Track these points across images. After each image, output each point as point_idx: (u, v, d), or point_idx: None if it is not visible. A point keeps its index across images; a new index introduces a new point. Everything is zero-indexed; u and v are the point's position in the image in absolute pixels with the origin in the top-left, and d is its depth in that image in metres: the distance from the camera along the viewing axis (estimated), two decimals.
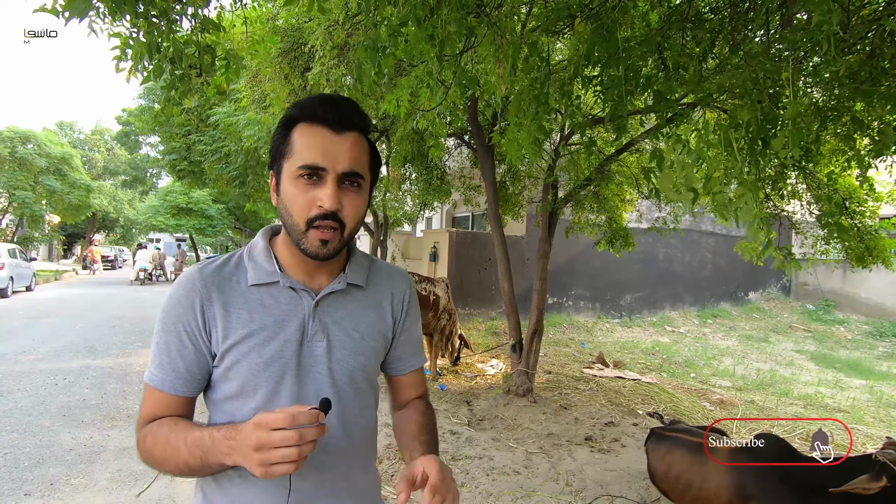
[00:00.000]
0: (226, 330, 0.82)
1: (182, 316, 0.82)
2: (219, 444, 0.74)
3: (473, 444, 3.83)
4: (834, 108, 2.19)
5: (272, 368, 0.82)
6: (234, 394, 0.83)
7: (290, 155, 0.80)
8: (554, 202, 5.16)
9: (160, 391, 0.83)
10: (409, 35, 1.78)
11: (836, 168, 4.13)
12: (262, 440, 0.68)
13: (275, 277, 0.85)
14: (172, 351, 0.82)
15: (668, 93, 1.89)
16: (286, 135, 0.82)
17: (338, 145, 0.79)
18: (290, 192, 0.80)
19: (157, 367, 0.83)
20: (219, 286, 0.83)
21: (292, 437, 0.68)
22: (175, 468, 0.79)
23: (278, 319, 0.84)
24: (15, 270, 12.70)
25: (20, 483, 3.03)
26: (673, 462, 2.47)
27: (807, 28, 1.40)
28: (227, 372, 0.83)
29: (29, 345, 6.87)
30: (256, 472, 0.69)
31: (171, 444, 0.78)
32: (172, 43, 1.84)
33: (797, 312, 12.78)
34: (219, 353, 0.82)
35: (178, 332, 0.82)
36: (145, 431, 0.82)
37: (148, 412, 0.84)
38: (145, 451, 0.82)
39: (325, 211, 0.78)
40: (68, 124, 33.77)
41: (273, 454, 0.68)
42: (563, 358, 7.34)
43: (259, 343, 0.82)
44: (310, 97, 0.83)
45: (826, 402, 5.96)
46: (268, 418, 0.69)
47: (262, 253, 0.87)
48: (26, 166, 19.05)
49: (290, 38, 4.35)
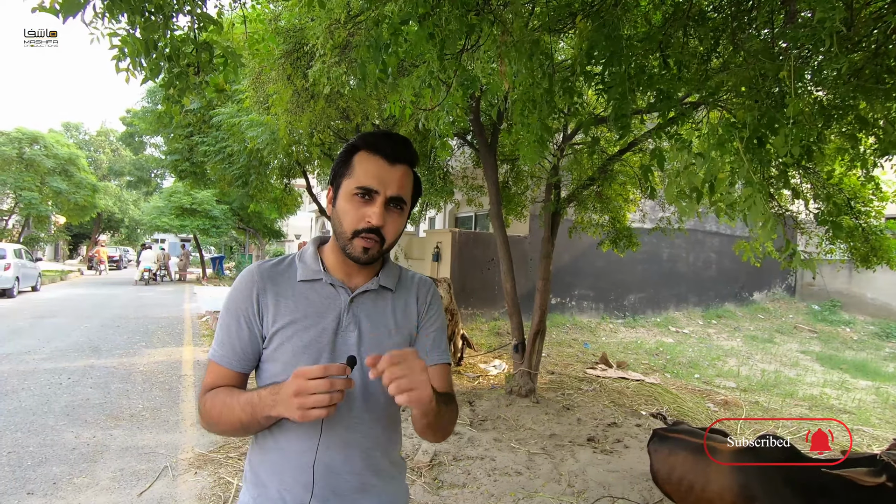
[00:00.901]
0: (275, 316, 0.98)
1: (242, 302, 0.98)
2: (265, 399, 0.88)
3: (475, 444, 3.82)
4: (837, 106, 2.16)
5: (310, 351, 0.96)
6: (278, 371, 0.96)
7: (350, 176, 0.96)
8: (557, 202, 5.14)
9: (219, 365, 0.99)
10: (409, 34, 1.78)
11: (839, 167, 4.10)
12: (301, 386, 0.82)
13: (319, 275, 1.02)
14: (232, 332, 0.98)
15: (671, 91, 1.87)
16: (348, 159, 0.98)
17: (390, 174, 0.96)
18: (345, 207, 0.96)
19: (218, 345, 0.99)
20: (273, 279, 1.00)
21: (324, 384, 0.82)
22: (229, 424, 0.93)
23: (318, 310, 0.99)
24: (21, 271, 12.78)
25: (23, 482, 3.04)
26: (676, 463, 2.46)
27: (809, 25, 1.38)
28: (274, 352, 0.98)
29: (34, 344, 6.91)
30: (295, 415, 0.82)
31: (227, 405, 0.93)
32: (170, 40, 1.83)
33: (802, 313, 12.70)
34: (268, 336, 0.98)
35: (237, 316, 0.98)
36: (206, 397, 0.97)
37: (209, 382, 0.99)
38: (205, 412, 0.96)
39: (371, 226, 0.94)
40: (74, 125, 34.01)
41: (309, 399, 0.81)
42: (566, 358, 7.32)
43: (301, 329, 0.97)
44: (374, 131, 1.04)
45: (831, 403, 5.91)
46: (304, 369, 0.83)
47: (311, 256, 1.04)
48: (33, 167, 19.18)
49: (292, 39, 4.36)
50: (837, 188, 4.09)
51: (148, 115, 12.66)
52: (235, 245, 28.69)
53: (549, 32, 2.07)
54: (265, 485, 0.99)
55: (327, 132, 6.25)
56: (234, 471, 3.26)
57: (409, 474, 3.27)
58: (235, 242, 28.43)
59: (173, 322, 9.54)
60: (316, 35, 3.04)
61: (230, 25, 4.01)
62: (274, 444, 0.98)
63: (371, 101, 5.54)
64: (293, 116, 4.79)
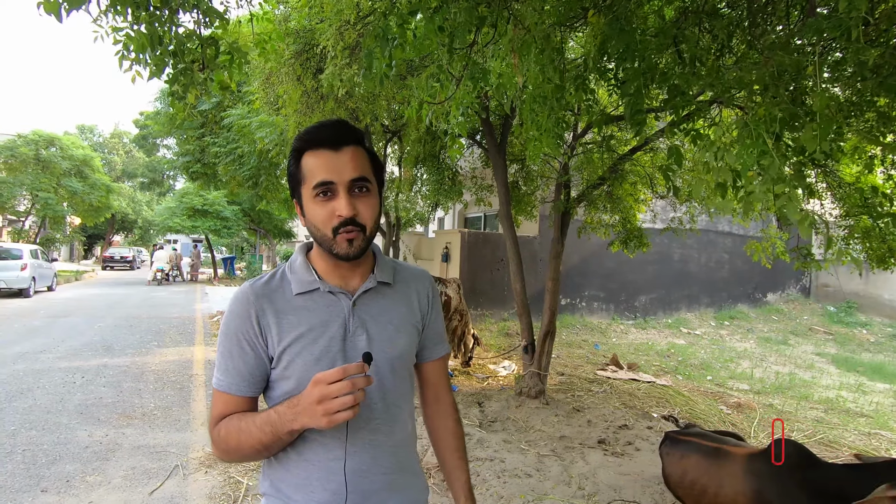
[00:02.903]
0: (280, 334, 0.94)
1: (241, 326, 0.95)
2: (284, 415, 0.86)
3: (485, 445, 3.80)
4: (856, 103, 2.11)
5: (323, 362, 0.94)
6: (292, 389, 0.94)
7: (305, 180, 0.93)
8: (567, 202, 5.10)
9: (227, 393, 0.95)
10: (417, 28, 1.77)
11: (857, 166, 4.01)
12: (323, 392, 0.81)
13: (315, 285, 0.98)
14: (235, 357, 0.95)
15: (685, 87, 1.84)
16: (298, 166, 0.95)
17: (339, 159, 0.92)
18: (313, 211, 0.93)
19: (222, 373, 0.96)
20: (269, 297, 0.97)
21: (346, 386, 0.81)
22: (250, 448, 0.91)
23: (323, 320, 0.96)
24: (37, 271, 12.99)
25: (37, 479, 3.08)
26: (688, 467, 2.42)
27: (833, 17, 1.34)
28: (285, 371, 0.95)
29: (49, 343, 7.01)
30: (322, 422, 0.82)
31: (244, 430, 0.91)
32: (174, 36, 1.84)
33: (817, 314, 12.49)
34: (276, 356, 0.95)
35: (238, 341, 0.95)
36: (218, 427, 0.94)
37: (218, 412, 0.96)
38: (220, 442, 0.93)
39: (344, 218, 0.91)
40: (89, 128, 34.55)
41: (333, 403, 0.81)
42: (576, 359, 7.27)
43: (309, 342, 0.94)
44: (308, 128, 0.96)
45: (848, 406, 5.80)
46: (323, 375, 0.83)
47: (301, 266, 1.01)
48: (49, 169, 19.48)
49: (302, 40, 4.38)
50: (854, 187, 4.01)
51: (160, 116, 12.81)
52: (246, 245, 28.94)
53: (560, 27, 2.05)
54: (290, 497, 0.97)
55: None
56: (244, 470, 3.27)
57: None
58: (246, 243, 28.68)
59: (185, 322, 9.63)
60: (326, 37, 3.05)
61: (237, 24, 4.03)
62: (297, 456, 0.96)
63: (380, 102, 5.55)
64: (302, 117, 4.82)
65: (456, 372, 5.99)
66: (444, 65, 1.92)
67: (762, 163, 1.49)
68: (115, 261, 27.42)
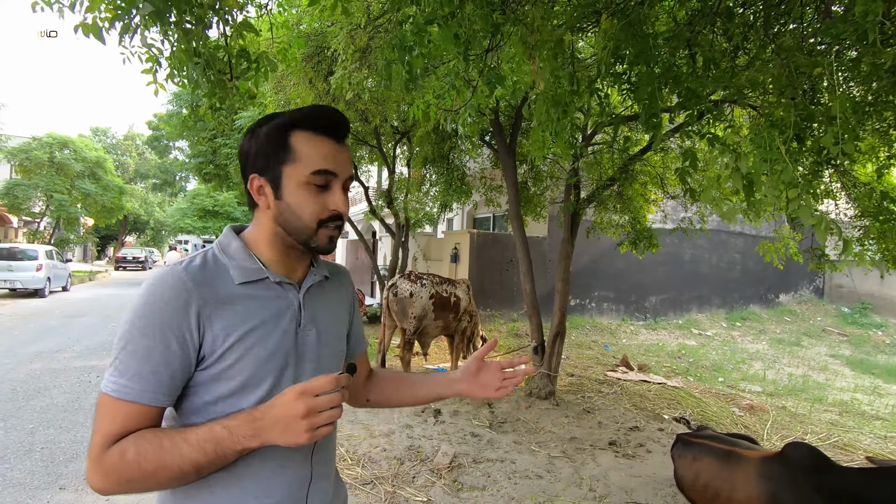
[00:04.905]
0: (226, 328, 0.81)
1: (172, 319, 0.77)
2: (238, 430, 0.75)
3: (495, 446, 3.80)
4: (872, 103, 2.09)
5: (276, 359, 0.85)
6: (233, 391, 0.81)
7: (296, 161, 0.84)
8: (576, 203, 5.09)
9: (135, 404, 0.76)
10: (433, 35, 1.78)
11: (872, 166, 3.96)
12: (310, 405, 0.73)
13: (262, 274, 0.88)
14: (155, 358, 0.76)
15: (699, 89, 1.83)
16: (282, 140, 0.85)
17: (342, 155, 0.88)
18: (299, 196, 0.85)
19: (131, 378, 0.76)
20: (210, 285, 0.82)
21: (337, 398, 0.75)
22: (173, 473, 0.75)
23: (274, 313, 0.87)
24: (52, 271, 13.20)
25: (56, 477, 3.14)
26: (701, 470, 2.41)
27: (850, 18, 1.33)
28: (228, 370, 0.81)
29: (65, 343, 7.13)
30: (302, 438, 0.74)
31: (167, 449, 0.74)
32: (206, 49, 1.87)
33: (831, 315, 12.32)
34: (217, 353, 0.80)
35: (164, 337, 0.77)
36: (123, 447, 0.74)
37: (116, 430, 0.76)
38: (124, 469, 0.74)
39: (338, 213, 0.87)
40: (102, 130, 34.99)
41: (320, 417, 0.74)
42: (586, 360, 7.24)
43: (262, 336, 0.84)
44: (310, 107, 0.88)
45: (863, 409, 5.72)
46: (311, 385, 0.74)
47: (241, 252, 0.88)
48: (63, 171, 19.82)
49: (313, 43, 4.42)
50: (869, 188, 3.96)
51: (173, 118, 12.97)
52: None
53: (572, 31, 2.05)
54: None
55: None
56: None
57: (429, 476, 3.28)
58: None
59: None
60: (338, 40, 3.07)
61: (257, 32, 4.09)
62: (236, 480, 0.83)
63: (390, 104, 5.57)
64: None
65: None
66: (459, 72, 1.93)
67: (775, 167, 1.48)
68: (127, 261, 27.77)
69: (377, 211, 9.00)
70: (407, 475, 3.27)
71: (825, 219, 1.40)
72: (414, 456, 3.55)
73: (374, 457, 3.50)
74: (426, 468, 3.37)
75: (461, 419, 4.37)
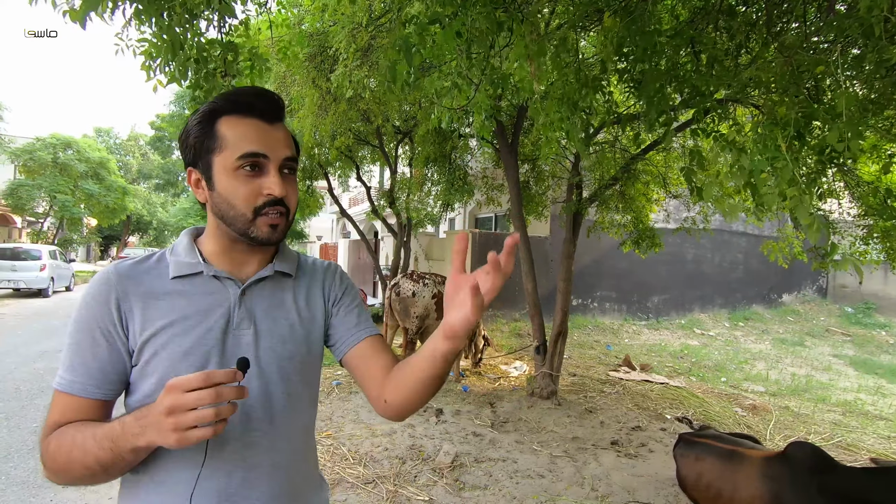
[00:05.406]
0: (144, 322, 0.78)
1: (95, 313, 0.78)
2: (130, 426, 0.69)
3: (497, 446, 3.80)
4: (875, 101, 2.09)
5: (193, 357, 0.78)
6: (153, 390, 0.77)
7: (223, 148, 0.79)
8: (578, 202, 5.09)
9: (70, 395, 0.77)
10: (436, 34, 1.78)
11: (876, 164, 3.95)
12: (176, 402, 0.64)
13: (197, 268, 0.84)
14: (84, 350, 0.77)
15: (703, 87, 1.83)
16: (209, 129, 0.81)
17: (273, 134, 0.82)
18: (230, 185, 0.80)
19: (66, 370, 0.77)
20: (136, 279, 0.81)
21: (208, 396, 0.64)
22: (83, 469, 0.72)
23: (201, 309, 0.81)
24: (56, 271, 13.25)
25: None
26: (703, 469, 2.40)
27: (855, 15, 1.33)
28: (146, 367, 0.78)
29: None
30: (170, 439, 0.65)
31: (78, 444, 0.72)
32: (196, 42, 1.87)
33: (834, 315, 12.28)
34: (136, 348, 0.78)
35: (90, 330, 0.78)
36: (50, 439, 0.75)
37: (54, 420, 0.77)
38: (48, 458, 0.74)
39: (274, 198, 0.80)
40: (105, 130, 35.10)
41: (187, 417, 0.64)
42: (588, 360, 7.23)
43: (179, 333, 0.79)
44: (234, 91, 0.84)
45: (866, 409, 5.70)
46: (180, 380, 0.65)
47: (185, 247, 0.86)
48: (67, 171, 19.88)
49: (315, 43, 4.42)
50: (873, 187, 3.95)
51: (175, 119, 13.00)
52: None
53: (575, 29, 2.05)
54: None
55: (347, 134, 6.31)
56: None
57: (431, 475, 3.28)
58: None
59: None
60: (339, 39, 3.08)
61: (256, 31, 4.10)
62: (149, 479, 0.78)
63: (392, 103, 5.57)
64: (317, 119, 4.87)
65: (467, 372, 5.99)
66: (462, 71, 1.93)
67: (776, 165, 1.48)
68: None
69: (379, 211, 9.01)
70: (409, 474, 3.27)
71: (817, 220, 1.40)
72: (416, 455, 3.55)
73: (375, 456, 3.50)
74: (428, 467, 3.38)
75: (463, 418, 4.37)
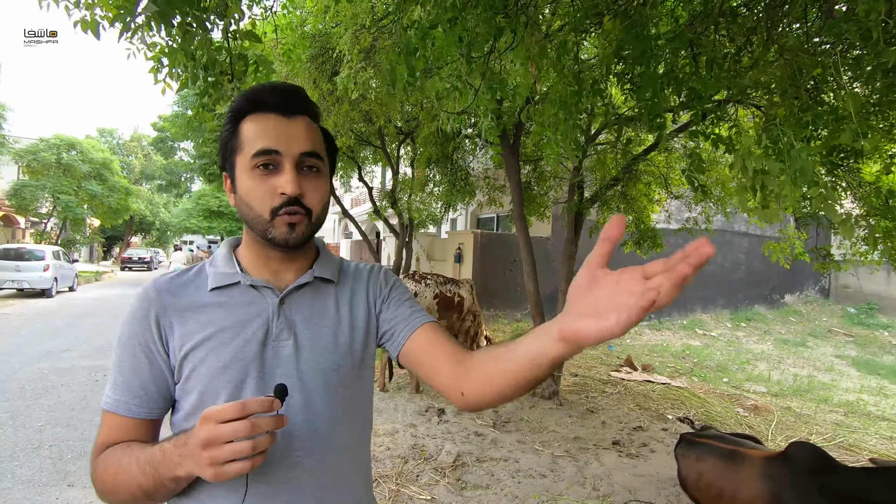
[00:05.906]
0: (183, 337, 0.76)
1: (136, 330, 0.76)
2: (169, 455, 0.66)
3: (499, 445, 3.81)
4: (876, 102, 2.09)
5: (231, 371, 0.75)
6: (195, 407, 0.75)
7: (242, 148, 0.76)
8: (580, 203, 5.10)
9: (115, 414, 0.75)
10: (437, 38, 1.79)
11: (878, 165, 3.95)
12: (211, 434, 0.61)
13: (235, 278, 0.80)
14: (126, 369, 0.76)
15: (702, 90, 1.84)
16: (234, 130, 0.78)
17: (290, 128, 0.76)
18: (247, 186, 0.76)
19: (111, 389, 0.76)
20: (174, 293, 0.78)
21: (243, 428, 0.60)
22: (128, 494, 0.70)
23: (239, 320, 0.78)
24: (59, 271, 13.29)
25: (64, 474, 3.17)
26: (704, 469, 2.41)
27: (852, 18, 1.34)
28: (187, 383, 0.76)
29: (72, 342, 7.19)
30: (207, 473, 0.62)
31: (123, 468, 0.70)
32: (206, 51, 1.90)
33: (837, 316, 12.26)
34: (177, 364, 0.76)
35: (131, 348, 0.76)
36: (99, 460, 0.74)
37: (102, 440, 0.76)
38: (98, 480, 0.73)
39: (288, 197, 0.74)
40: (108, 131, 35.22)
41: (223, 450, 0.61)
42: (589, 360, 7.24)
43: (217, 346, 0.76)
44: (252, 88, 0.80)
45: (869, 409, 5.69)
46: (214, 410, 0.62)
47: (224, 258, 0.83)
48: (70, 172, 19.96)
49: (318, 44, 4.44)
50: (874, 187, 3.95)
51: (178, 120, 13.05)
52: None
53: (574, 33, 2.06)
54: None
55: (350, 135, 6.32)
56: None
57: (433, 474, 3.29)
58: None
59: None
60: (343, 41, 3.10)
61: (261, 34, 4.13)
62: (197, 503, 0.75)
63: (394, 104, 5.59)
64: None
65: None
66: (462, 74, 1.95)
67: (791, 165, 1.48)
68: (133, 262, 27.93)
69: (381, 211, 9.03)
70: (411, 474, 3.29)
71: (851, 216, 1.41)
72: (418, 455, 3.56)
73: (378, 455, 3.52)
74: (430, 467, 3.39)
75: (465, 418, 4.39)
